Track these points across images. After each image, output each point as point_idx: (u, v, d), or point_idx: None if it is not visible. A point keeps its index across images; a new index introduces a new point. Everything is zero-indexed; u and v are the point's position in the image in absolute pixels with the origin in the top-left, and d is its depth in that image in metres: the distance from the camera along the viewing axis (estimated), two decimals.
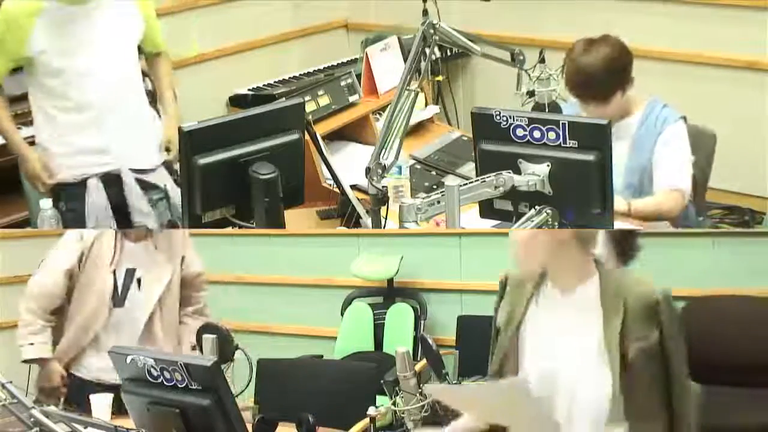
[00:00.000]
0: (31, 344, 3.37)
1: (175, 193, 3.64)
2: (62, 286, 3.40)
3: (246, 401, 3.13)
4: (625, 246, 3.58)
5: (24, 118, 3.68)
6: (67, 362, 3.44)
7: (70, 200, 3.51)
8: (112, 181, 3.55)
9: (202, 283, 3.68)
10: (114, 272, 3.41)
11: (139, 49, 3.68)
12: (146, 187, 3.62)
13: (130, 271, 3.44)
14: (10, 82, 3.61)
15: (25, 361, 3.41)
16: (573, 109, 3.49)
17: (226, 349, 3.14)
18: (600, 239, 3.43)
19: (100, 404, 3.12)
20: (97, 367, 3.39)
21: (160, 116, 3.78)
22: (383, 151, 2.99)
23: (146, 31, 3.64)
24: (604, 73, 3.33)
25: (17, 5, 3.40)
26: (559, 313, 2.18)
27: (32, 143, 3.60)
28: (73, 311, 3.42)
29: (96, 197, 3.52)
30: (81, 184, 3.53)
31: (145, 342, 3.43)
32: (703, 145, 3.66)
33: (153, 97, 3.86)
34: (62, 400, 3.37)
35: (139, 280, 3.44)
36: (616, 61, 3.35)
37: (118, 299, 3.42)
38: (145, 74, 3.79)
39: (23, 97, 3.62)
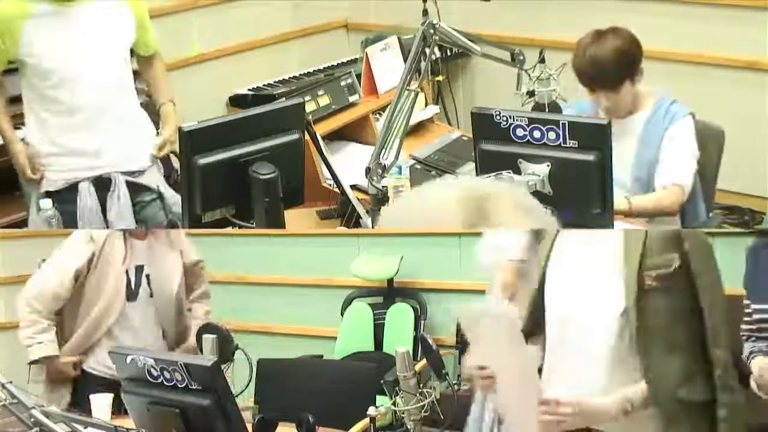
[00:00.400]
0: (40, 343, 3.38)
1: (170, 194, 3.65)
2: (68, 288, 3.41)
3: (246, 401, 3.13)
4: None
5: (21, 119, 3.67)
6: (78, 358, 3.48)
7: (61, 203, 3.51)
8: (103, 185, 3.55)
9: (202, 269, 3.75)
10: (126, 270, 3.45)
11: (132, 51, 3.67)
12: (139, 189, 3.62)
13: (140, 268, 3.48)
14: (7, 82, 3.61)
15: (33, 361, 3.41)
16: (573, 109, 3.50)
17: (226, 349, 3.15)
18: (524, 245, 3.52)
19: (100, 404, 3.12)
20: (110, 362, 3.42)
21: (158, 129, 3.76)
22: (383, 151, 2.99)
23: (138, 32, 3.61)
24: (614, 63, 3.34)
25: (7, 7, 3.39)
26: (583, 241, 2.21)
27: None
28: (83, 310, 3.44)
29: (87, 200, 3.52)
30: (73, 188, 3.53)
31: (160, 334, 3.51)
32: (712, 141, 3.66)
33: (146, 102, 3.83)
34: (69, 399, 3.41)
35: (148, 276, 3.48)
36: (626, 52, 3.36)
37: (131, 294, 3.46)
38: (136, 74, 3.76)
39: (20, 98, 3.61)
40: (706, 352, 2.11)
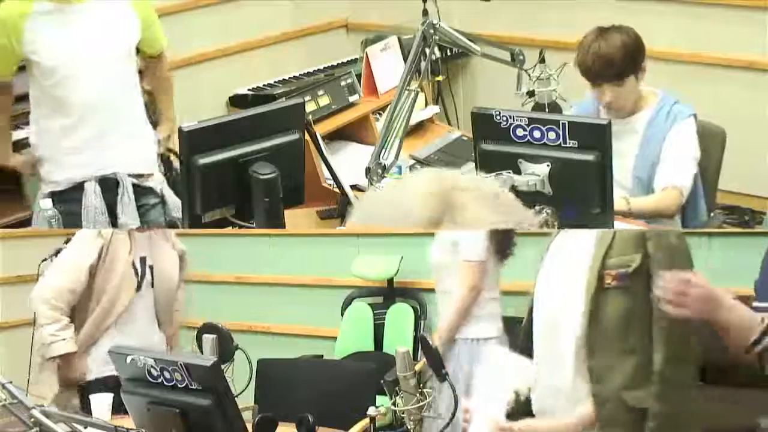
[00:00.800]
0: (63, 339, 3.43)
1: (172, 200, 3.67)
2: (85, 283, 3.47)
3: (246, 401, 3.13)
4: (502, 244, 3.63)
5: (26, 118, 3.67)
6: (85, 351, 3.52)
7: (65, 203, 3.51)
8: (108, 185, 3.56)
9: (185, 258, 3.82)
10: (132, 261, 3.51)
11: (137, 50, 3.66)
12: (143, 191, 3.63)
13: (143, 259, 3.55)
14: (17, 80, 3.61)
15: (53, 357, 3.43)
16: (575, 111, 3.50)
17: (226, 349, 3.15)
18: (483, 246, 3.52)
19: (100, 404, 3.12)
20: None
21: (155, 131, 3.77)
22: (383, 151, 2.99)
23: (144, 32, 3.60)
24: (621, 56, 3.34)
25: (9, 6, 3.39)
26: (566, 243, 2.22)
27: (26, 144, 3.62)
28: (93, 303, 3.50)
29: (92, 200, 3.52)
30: (77, 187, 3.53)
31: (156, 323, 3.61)
32: (713, 141, 3.66)
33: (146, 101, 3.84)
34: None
35: (151, 267, 3.57)
36: (631, 46, 3.37)
37: (137, 285, 3.53)
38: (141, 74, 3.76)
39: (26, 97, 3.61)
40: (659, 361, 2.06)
